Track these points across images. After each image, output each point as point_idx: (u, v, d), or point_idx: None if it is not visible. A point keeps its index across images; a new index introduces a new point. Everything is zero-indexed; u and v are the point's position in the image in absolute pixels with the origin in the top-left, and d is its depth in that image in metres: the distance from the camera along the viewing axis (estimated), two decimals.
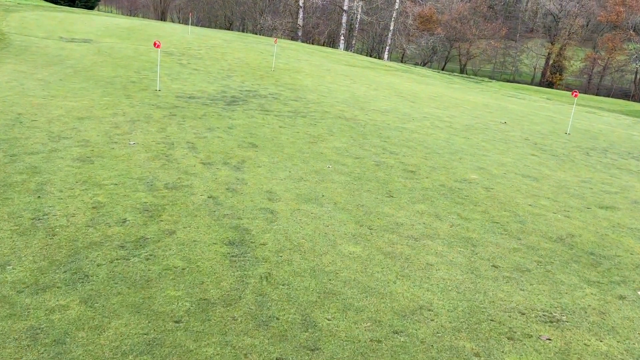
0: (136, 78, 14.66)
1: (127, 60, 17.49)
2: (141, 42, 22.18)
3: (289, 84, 17.23)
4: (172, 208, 6.19)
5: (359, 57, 33.00)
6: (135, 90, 13.03)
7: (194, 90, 14.04)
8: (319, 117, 12.54)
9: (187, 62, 18.83)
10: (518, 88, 43.49)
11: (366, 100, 16.07)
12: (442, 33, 76.87)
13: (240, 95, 14.17)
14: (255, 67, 19.96)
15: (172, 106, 11.70)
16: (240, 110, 12.25)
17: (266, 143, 9.63)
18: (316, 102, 14.42)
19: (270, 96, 14.56)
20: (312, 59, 25.84)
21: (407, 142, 11.11)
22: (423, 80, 24.66)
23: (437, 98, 18.98)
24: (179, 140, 9.11)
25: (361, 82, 20.20)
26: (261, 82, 16.92)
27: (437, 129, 12.86)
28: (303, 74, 19.91)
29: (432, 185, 8.27)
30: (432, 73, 29.82)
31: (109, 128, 9.37)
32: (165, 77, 15.31)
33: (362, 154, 9.62)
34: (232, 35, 34.28)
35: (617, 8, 78.78)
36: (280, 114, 12.32)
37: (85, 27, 24.93)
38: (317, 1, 63.19)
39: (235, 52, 23.24)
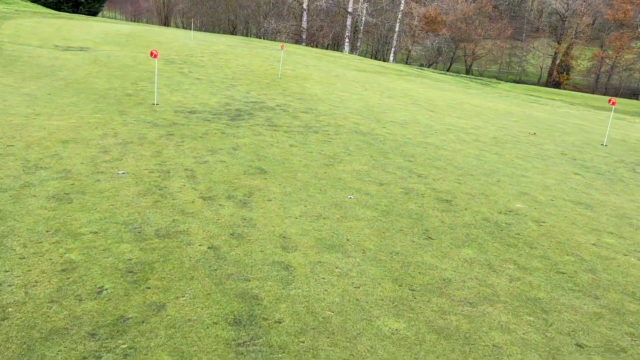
0: (132, 90, 13.37)
1: (124, 70, 16.21)
2: (140, 50, 20.91)
3: (297, 93, 15.91)
4: (163, 266, 4.88)
5: (368, 61, 31.62)
6: (130, 104, 11.73)
7: (195, 102, 12.73)
8: (332, 132, 11.21)
9: (189, 70, 17.54)
10: (530, 89, 42.04)
11: (382, 110, 14.73)
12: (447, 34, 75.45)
13: (245, 107, 12.85)
14: (261, 74, 18.65)
15: (170, 123, 10.39)
16: (245, 126, 10.93)
17: (276, 167, 8.31)
18: (328, 114, 13.09)
19: (278, 108, 13.24)
20: (320, 64, 24.51)
21: (435, 161, 9.75)
22: (438, 86, 23.28)
23: (457, 106, 17.61)
24: (176, 167, 7.79)
25: (374, 89, 18.85)
26: (267, 91, 15.60)
27: (464, 144, 11.50)
28: (312, 81, 18.58)
29: (475, 219, 6.92)
30: (447, 77, 28.42)
31: (96, 153, 8.06)
32: (164, 89, 14.01)
33: (386, 179, 8.28)
34: (236, 40, 33.01)
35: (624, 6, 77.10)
36: (290, 130, 10.99)
37: (83, 34, 23.69)
38: (321, 4, 61.89)
39: (239, 58, 21.94)
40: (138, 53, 19.96)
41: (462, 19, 78.34)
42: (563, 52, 77.68)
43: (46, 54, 17.50)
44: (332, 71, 22.27)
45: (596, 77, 77.98)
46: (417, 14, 62.97)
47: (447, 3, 75.91)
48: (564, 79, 77.36)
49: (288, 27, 65.67)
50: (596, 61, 77.36)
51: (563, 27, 79.58)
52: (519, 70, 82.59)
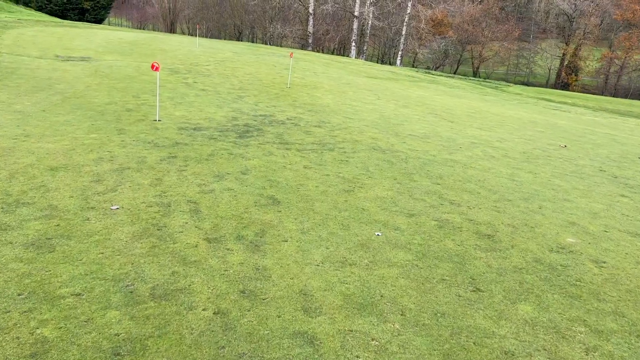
0: (134, 104, 12.41)
1: (126, 81, 15.28)
2: (144, 59, 19.99)
3: (308, 103, 14.91)
4: (157, 344, 3.88)
5: (377, 66, 30.54)
6: (130, 121, 10.77)
7: (200, 117, 11.76)
8: (349, 149, 10.19)
9: (194, 80, 16.58)
10: (541, 92, 40.85)
11: (398, 121, 13.70)
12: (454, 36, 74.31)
13: (254, 122, 11.86)
14: (269, 83, 17.66)
15: (172, 143, 9.41)
16: (255, 144, 9.93)
17: (290, 196, 7.30)
18: (342, 128, 12.08)
19: (289, 122, 12.24)
20: (330, 71, 23.51)
21: (465, 183, 8.71)
22: (453, 92, 22.21)
23: (476, 115, 16.56)
24: (178, 199, 6.80)
25: (387, 97, 17.82)
26: (277, 102, 14.61)
27: (493, 160, 10.45)
28: (322, 90, 17.58)
29: (524, 261, 5.88)
30: (461, 82, 27.24)
31: (89, 183, 7.09)
32: (167, 102, 13.05)
33: (415, 208, 7.25)
34: (242, 46, 32.09)
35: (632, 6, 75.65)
36: (303, 148, 9.99)
37: (86, 43, 22.82)
38: (327, 8, 60.93)
39: (246, 66, 20.98)
40: (141, 62, 19.04)
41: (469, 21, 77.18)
42: (571, 53, 76.32)
43: (45, 65, 16.61)
44: (342, 78, 21.26)
45: (605, 78, 76.53)
46: (424, 17, 61.86)
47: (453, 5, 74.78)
48: (572, 80, 76.02)
49: (294, 32, 64.77)
50: (605, 62, 75.92)
51: (571, 28, 78.23)
52: (526, 72, 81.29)
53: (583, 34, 75.85)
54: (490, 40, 78.01)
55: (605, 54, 76.02)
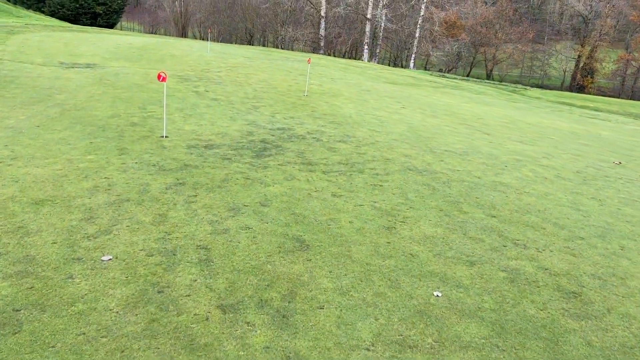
0: (139, 118, 11.14)
1: (132, 90, 14.03)
2: (153, 65, 18.76)
3: (328, 114, 13.56)
4: None
5: (397, 71, 29.01)
6: (134, 138, 9.49)
7: (212, 132, 10.46)
8: (381, 170, 8.82)
9: (205, 89, 15.29)
10: (560, 96, 39.19)
11: (430, 134, 12.31)
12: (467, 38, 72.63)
13: (271, 137, 10.54)
14: (285, 91, 16.34)
15: (180, 166, 8.11)
16: (274, 165, 8.60)
17: (321, 236, 5.96)
18: (370, 143, 10.71)
19: (310, 136, 10.89)
20: (347, 76, 22.13)
21: (524, 214, 7.31)
22: (480, 99, 20.73)
23: (511, 125, 15.11)
24: (185, 244, 5.48)
25: (412, 105, 16.42)
26: (295, 113, 13.27)
27: (547, 183, 9.02)
28: (342, 98, 16.22)
29: (631, 334, 4.48)
30: (486, 88, 25.60)
31: (78, 222, 5.79)
32: (176, 114, 11.77)
33: (474, 252, 5.87)
34: (254, 51, 30.82)
35: None
36: (329, 169, 8.63)
37: (93, 48, 21.66)
38: (340, 10, 59.61)
39: (259, 72, 19.67)
40: (149, 69, 17.80)
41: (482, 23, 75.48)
42: (587, 55, 74.30)
43: (47, 73, 15.41)
44: (361, 85, 19.88)
45: (622, 80, 74.40)
46: (438, 19, 60.31)
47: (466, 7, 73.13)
48: (588, 83, 74.02)
49: (306, 35, 63.51)
50: (621, 64, 73.78)
51: (586, 29, 76.18)
52: (541, 74, 79.36)
53: (599, 35, 73.79)
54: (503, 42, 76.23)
55: (621, 56, 73.89)
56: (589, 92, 70.11)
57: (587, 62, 74.37)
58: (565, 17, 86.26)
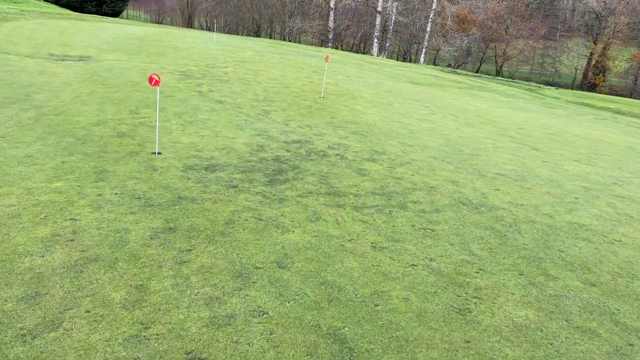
0: (129, 126, 9.19)
1: (125, 89, 12.05)
2: (153, 59, 16.75)
3: (350, 121, 11.57)
4: None
5: (416, 69, 26.73)
6: (119, 155, 7.55)
7: (215, 147, 8.50)
8: (427, 204, 6.86)
9: (209, 88, 13.30)
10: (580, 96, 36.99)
11: (472, 149, 10.32)
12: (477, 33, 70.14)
13: (286, 153, 8.58)
14: (298, 91, 14.33)
15: (173, 199, 6.16)
16: (292, 196, 6.65)
17: (367, 329, 4.04)
18: (405, 163, 8.74)
19: (332, 152, 8.93)
20: (364, 74, 20.06)
21: (632, 280, 5.35)
22: (513, 103, 18.60)
23: (558, 137, 13.08)
24: (169, 349, 3.56)
25: (441, 110, 14.39)
26: (311, 120, 11.29)
27: (636, 224, 7.04)
28: (362, 101, 14.21)
29: None
30: (514, 89, 23.21)
31: (13, 305, 3.88)
32: (174, 121, 9.81)
33: (589, 356, 3.92)
34: (263, 43, 28.71)
35: None
36: (362, 203, 6.68)
37: (89, 38, 19.64)
38: (350, 2, 57.24)
39: (269, 68, 17.64)
40: (149, 63, 15.80)
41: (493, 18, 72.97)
42: (599, 53, 71.81)
43: (32, 67, 13.45)
44: (381, 84, 17.82)
45: (634, 78, 71.95)
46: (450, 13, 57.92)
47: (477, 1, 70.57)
48: (600, 81, 71.62)
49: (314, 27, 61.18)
50: (635, 62, 71.30)
51: (599, 27, 73.58)
52: (552, 71, 76.92)
53: (612, 32, 71.23)
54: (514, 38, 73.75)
55: (635, 54, 71.43)
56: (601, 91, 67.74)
57: (600, 59, 71.89)
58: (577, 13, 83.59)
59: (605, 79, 71.85)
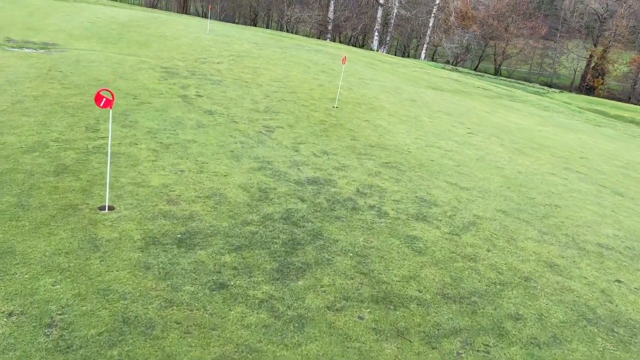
0: (77, 154, 6.31)
1: (89, 91, 9.11)
2: (133, 50, 13.73)
3: (376, 145, 8.76)
4: None
5: (433, 70, 23.55)
6: (43, 216, 4.70)
7: (198, 194, 5.67)
8: (536, 325, 4.13)
9: (197, 91, 10.39)
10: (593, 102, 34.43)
11: (544, 196, 7.58)
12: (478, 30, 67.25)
13: (301, 208, 5.76)
14: (307, 98, 11.47)
15: (112, 327, 3.33)
16: (317, 312, 3.87)
17: None
18: (469, 223, 5.98)
19: (365, 204, 6.13)
20: (378, 75, 17.16)
21: None
22: (554, 119, 15.65)
23: (631, 171, 10.38)
24: None
25: (480, 129, 11.60)
26: (328, 143, 8.46)
27: None
28: (384, 113, 11.38)
29: None
30: (549, 101, 20.20)
31: None
32: (144, 144, 6.94)
33: None
34: (262, 35, 25.60)
35: None
36: (435, 329, 3.91)
37: (62, 22, 16.51)
38: None
39: (271, 66, 14.71)
40: (126, 55, 12.80)
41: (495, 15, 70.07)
42: (599, 55, 69.36)
43: None
44: (401, 90, 14.96)
45: (633, 82, 69.72)
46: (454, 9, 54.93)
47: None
48: (598, 84, 69.28)
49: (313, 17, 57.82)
50: (634, 66, 68.99)
51: (600, 29, 71.03)
52: (550, 72, 74.41)
53: (613, 35, 68.74)
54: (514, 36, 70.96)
55: (634, 58, 69.10)
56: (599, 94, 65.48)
57: (599, 62, 69.51)
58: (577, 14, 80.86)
59: (604, 82, 69.58)
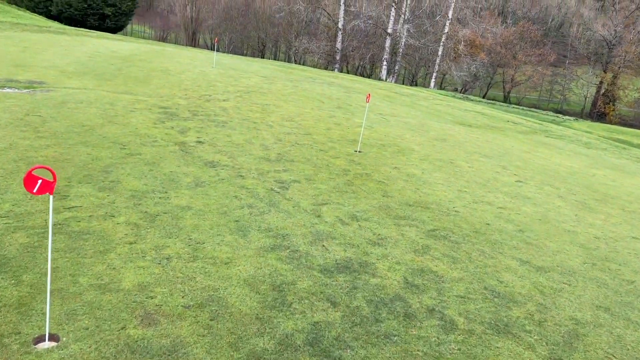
0: (31, 234, 4.63)
1: (68, 141, 7.50)
2: (130, 87, 12.23)
3: (415, 203, 7.00)
4: None
5: (453, 102, 21.72)
6: None
7: (191, 294, 3.94)
8: None
9: (198, 137, 8.76)
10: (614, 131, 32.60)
11: (634, 268, 5.77)
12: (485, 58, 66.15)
13: (334, 319, 4.00)
14: (324, 141, 9.80)
15: None
16: None
17: None
18: (576, 345, 4.13)
19: (421, 307, 4.34)
20: (398, 110, 15.53)
21: None
22: (603, 159, 13.73)
23: None
24: None
25: (527, 174, 9.82)
26: (356, 202, 6.72)
27: None
28: (415, 157, 9.66)
29: None
30: (586, 135, 18.28)
31: None
32: (122, 216, 5.24)
33: None
34: (271, 66, 24.24)
35: None
36: None
37: (57, 57, 15.14)
38: (359, 23, 53.18)
39: (282, 102, 13.13)
40: (121, 94, 11.27)
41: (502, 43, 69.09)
42: (609, 82, 67.81)
43: None
44: (427, 128, 13.26)
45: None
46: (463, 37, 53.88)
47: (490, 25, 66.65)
48: (610, 110, 67.52)
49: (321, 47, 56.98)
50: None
51: (610, 55, 69.69)
52: (560, 98, 72.87)
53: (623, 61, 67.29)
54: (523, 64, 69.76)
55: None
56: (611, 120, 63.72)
57: (610, 88, 67.91)
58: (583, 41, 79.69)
59: (615, 108, 67.80)
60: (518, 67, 69.75)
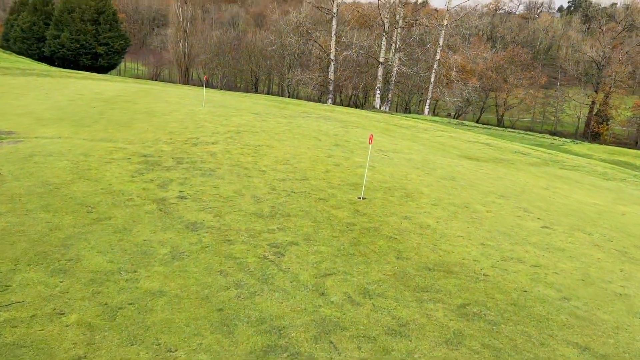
0: None
1: (25, 204, 6.36)
2: (110, 133, 11.17)
3: (435, 267, 5.85)
4: None
5: (456, 133, 20.66)
6: None
7: None
8: None
9: (181, 190, 7.64)
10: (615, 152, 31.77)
11: None
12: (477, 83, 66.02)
13: None
14: (324, 187, 8.69)
15: None
16: None
17: None
18: None
19: None
20: (400, 145, 14.51)
21: None
22: (627, 193, 12.67)
23: None
24: None
25: (553, 218, 8.72)
26: (366, 271, 5.56)
27: None
28: (425, 202, 8.55)
29: None
30: (602, 165, 17.22)
31: None
32: (75, 313, 4.07)
33: None
34: (263, 102, 23.36)
35: None
36: None
37: (34, 102, 14.13)
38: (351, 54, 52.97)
39: (275, 142, 12.09)
40: (99, 141, 10.19)
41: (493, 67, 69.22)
42: (601, 102, 67.69)
43: None
44: (431, 164, 12.21)
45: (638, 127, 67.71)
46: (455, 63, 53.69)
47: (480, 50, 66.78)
48: (603, 130, 67.17)
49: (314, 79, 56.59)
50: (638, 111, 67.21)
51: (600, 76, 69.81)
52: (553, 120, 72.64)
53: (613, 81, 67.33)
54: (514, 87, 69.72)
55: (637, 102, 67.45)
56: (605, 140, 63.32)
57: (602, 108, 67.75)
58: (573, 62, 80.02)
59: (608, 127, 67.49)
60: (510, 91, 69.71)
